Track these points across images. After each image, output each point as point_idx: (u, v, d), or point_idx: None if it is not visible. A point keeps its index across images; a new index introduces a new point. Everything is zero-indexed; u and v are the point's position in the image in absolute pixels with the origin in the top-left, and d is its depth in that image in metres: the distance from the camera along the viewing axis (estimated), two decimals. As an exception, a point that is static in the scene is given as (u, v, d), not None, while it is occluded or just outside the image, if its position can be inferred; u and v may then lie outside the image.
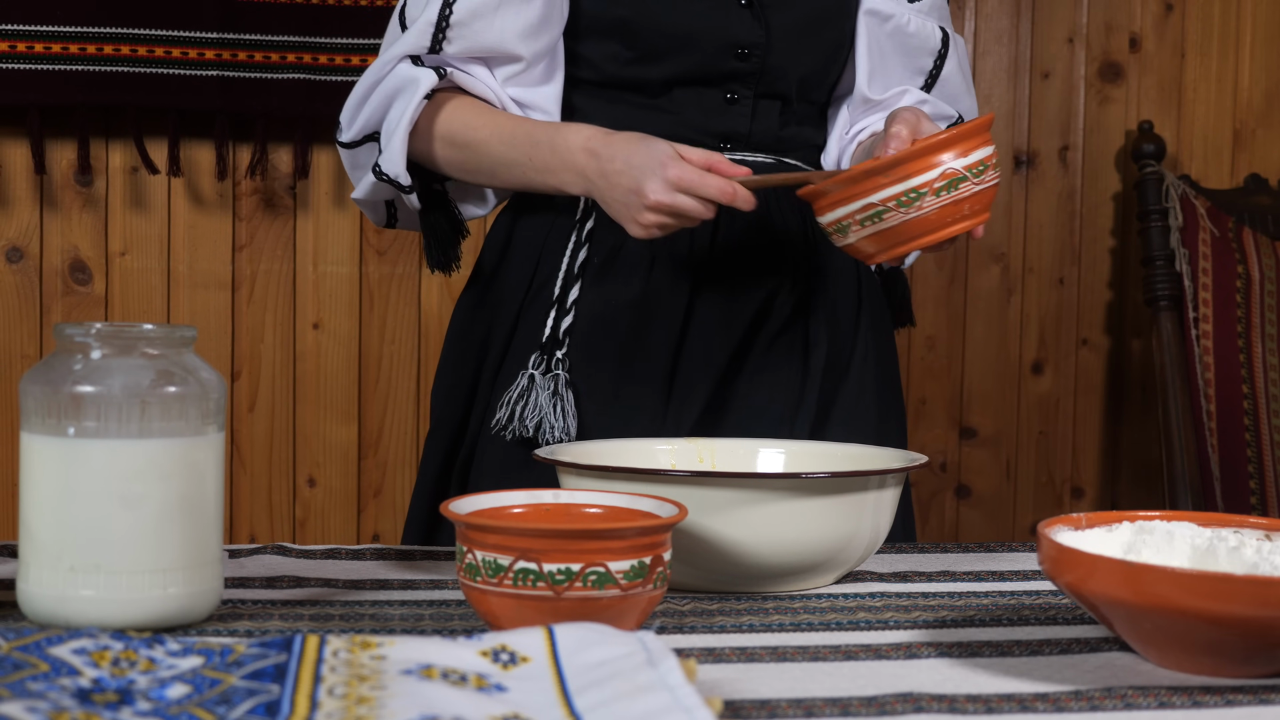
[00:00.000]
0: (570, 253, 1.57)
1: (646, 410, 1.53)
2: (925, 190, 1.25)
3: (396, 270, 2.70)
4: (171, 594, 1.01)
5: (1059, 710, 0.88)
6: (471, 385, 1.60)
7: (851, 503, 1.16)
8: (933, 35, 1.64)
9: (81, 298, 2.62)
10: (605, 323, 1.54)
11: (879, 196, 1.26)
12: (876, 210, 1.27)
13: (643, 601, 0.99)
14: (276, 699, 0.78)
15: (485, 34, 1.51)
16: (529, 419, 1.50)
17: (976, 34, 2.86)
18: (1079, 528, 1.07)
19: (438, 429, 1.62)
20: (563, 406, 1.51)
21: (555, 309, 1.54)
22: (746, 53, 1.54)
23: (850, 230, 1.30)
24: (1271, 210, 2.81)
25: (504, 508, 1.09)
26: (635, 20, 1.53)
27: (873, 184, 1.27)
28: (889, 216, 1.27)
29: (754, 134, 1.58)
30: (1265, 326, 2.69)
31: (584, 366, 1.53)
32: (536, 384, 1.51)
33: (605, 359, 1.53)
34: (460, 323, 1.64)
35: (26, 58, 2.48)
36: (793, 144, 1.61)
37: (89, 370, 1.00)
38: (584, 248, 1.56)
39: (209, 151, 2.62)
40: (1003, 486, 2.92)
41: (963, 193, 1.26)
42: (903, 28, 1.62)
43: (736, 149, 1.57)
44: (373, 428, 2.72)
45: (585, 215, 1.57)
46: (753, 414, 1.55)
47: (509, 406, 1.52)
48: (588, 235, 1.57)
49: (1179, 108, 2.92)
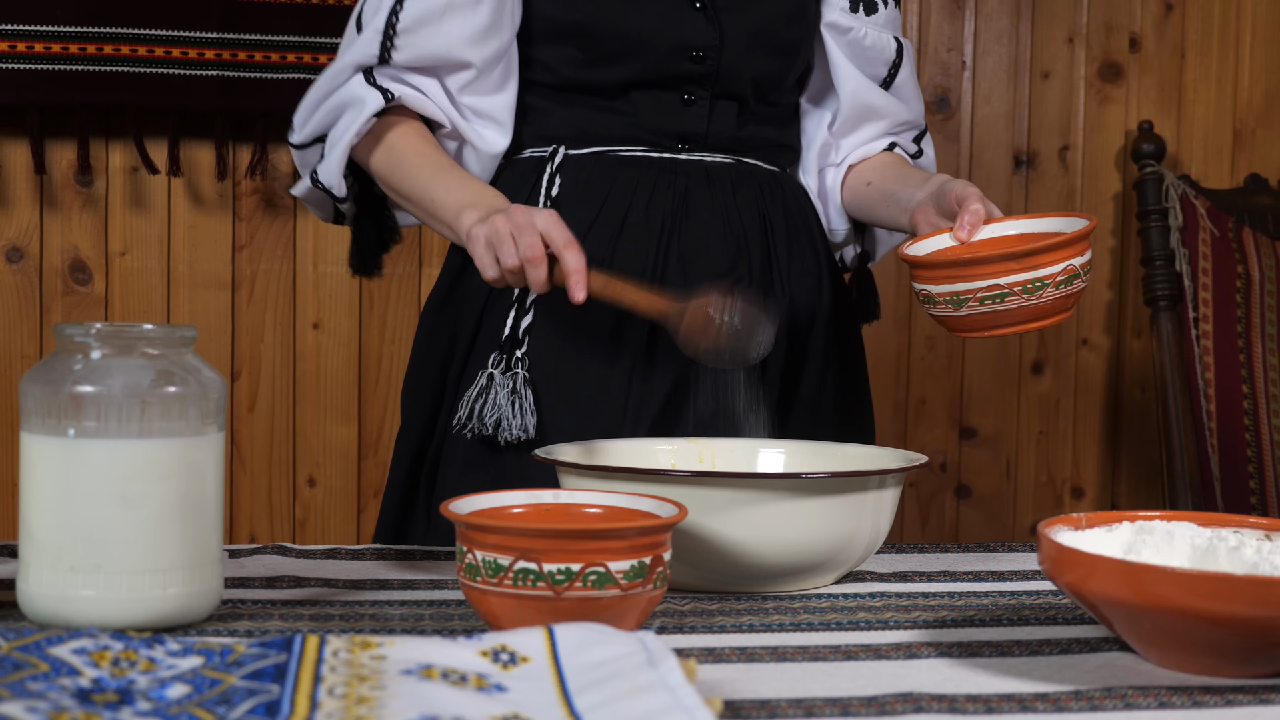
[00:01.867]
0: None
1: (606, 408, 1.54)
2: (1049, 282, 1.35)
3: (396, 270, 2.70)
4: (171, 594, 1.01)
5: (1059, 710, 0.88)
6: (439, 385, 1.62)
7: (851, 503, 1.16)
8: (888, 47, 1.69)
9: (81, 298, 2.62)
10: (564, 321, 1.55)
11: (1007, 280, 1.35)
12: (1001, 292, 1.36)
13: (643, 601, 0.99)
14: (276, 699, 0.78)
15: (432, 40, 1.52)
16: (488, 417, 1.51)
17: (976, 34, 2.86)
18: (1079, 528, 1.07)
19: (407, 429, 1.64)
20: (521, 404, 1.51)
21: (515, 308, 1.55)
22: (701, 55, 1.56)
23: (966, 304, 1.38)
24: (1271, 210, 2.81)
25: (504, 508, 1.09)
26: (589, 24, 1.54)
27: (1005, 268, 1.35)
28: (1010, 300, 1.36)
29: (711, 135, 1.59)
30: (1265, 326, 2.69)
31: (543, 365, 1.54)
32: (495, 383, 1.52)
33: (564, 358, 1.54)
34: (427, 324, 1.65)
35: (26, 58, 2.48)
36: (751, 144, 1.63)
37: (89, 370, 1.00)
38: None
39: (209, 151, 2.62)
40: (1003, 486, 2.92)
41: (1074, 288, 1.37)
42: (859, 40, 1.67)
43: (695, 149, 1.59)
44: (372, 428, 2.72)
45: None
46: (712, 411, 1.55)
47: (468, 405, 1.53)
48: None
49: (1179, 108, 2.92)
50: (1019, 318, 1.37)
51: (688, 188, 1.57)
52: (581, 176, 1.58)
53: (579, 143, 1.59)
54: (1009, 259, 1.35)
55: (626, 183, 1.58)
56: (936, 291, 1.39)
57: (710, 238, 1.57)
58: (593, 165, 1.58)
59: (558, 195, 1.57)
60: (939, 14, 2.85)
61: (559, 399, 1.53)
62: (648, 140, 1.58)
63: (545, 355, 1.54)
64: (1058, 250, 1.35)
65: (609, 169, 1.58)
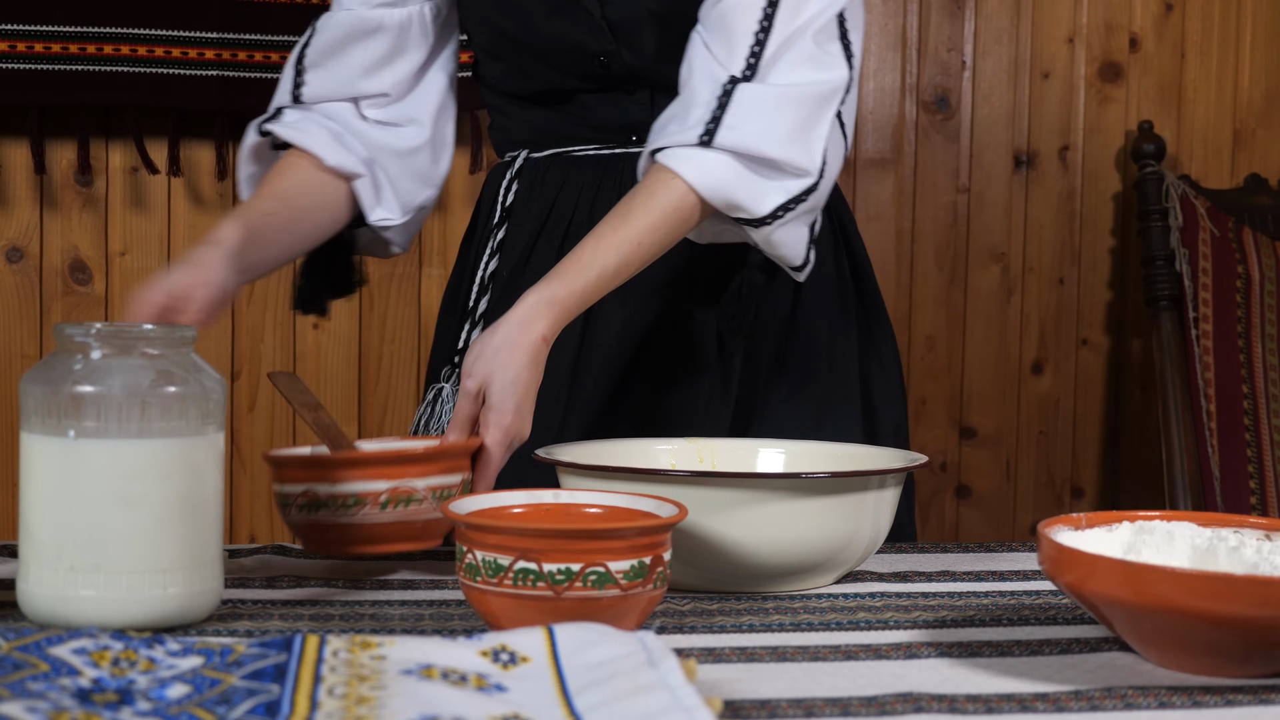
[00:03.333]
0: (484, 264, 1.58)
1: (542, 416, 1.42)
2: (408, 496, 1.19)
3: (396, 270, 2.71)
4: (171, 594, 1.01)
5: (1059, 710, 0.88)
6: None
7: (851, 503, 1.16)
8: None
9: (81, 298, 2.62)
10: None
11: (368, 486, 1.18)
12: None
13: (643, 601, 0.99)
14: (276, 699, 0.78)
15: (335, 73, 1.52)
16: (434, 430, 1.52)
17: (976, 34, 2.86)
18: (1079, 528, 1.07)
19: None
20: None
21: (469, 321, 1.55)
22: (605, 60, 1.52)
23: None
24: (1271, 210, 2.81)
25: (504, 508, 1.09)
26: (498, 45, 1.54)
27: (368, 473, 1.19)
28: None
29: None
30: (1265, 326, 2.69)
31: None
32: (444, 395, 1.52)
33: None
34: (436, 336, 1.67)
35: (26, 58, 2.48)
36: None
37: (89, 370, 1.00)
38: (495, 257, 1.58)
39: (209, 151, 2.62)
40: (1003, 486, 2.92)
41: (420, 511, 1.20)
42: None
43: (645, 141, 1.51)
44: (373, 428, 2.72)
45: (498, 225, 1.59)
46: (660, 414, 1.53)
47: (418, 419, 1.54)
48: (499, 245, 1.58)
49: (1179, 108, 2.92)
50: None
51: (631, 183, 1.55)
52: (536, 180, 1.58)
53: (539, 146, 1.59)
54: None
55: (575, 182, 1.57)
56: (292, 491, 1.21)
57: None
58: (547, 167, 1.58)
59: (511, 202, 1.57)
60: (939, 14, 2.85)
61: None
62: (599, 138, 1.56)
63: None
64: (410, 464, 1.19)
65: (562, 170, 1.57)
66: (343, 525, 1.17)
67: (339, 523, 1.17)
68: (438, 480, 1.20)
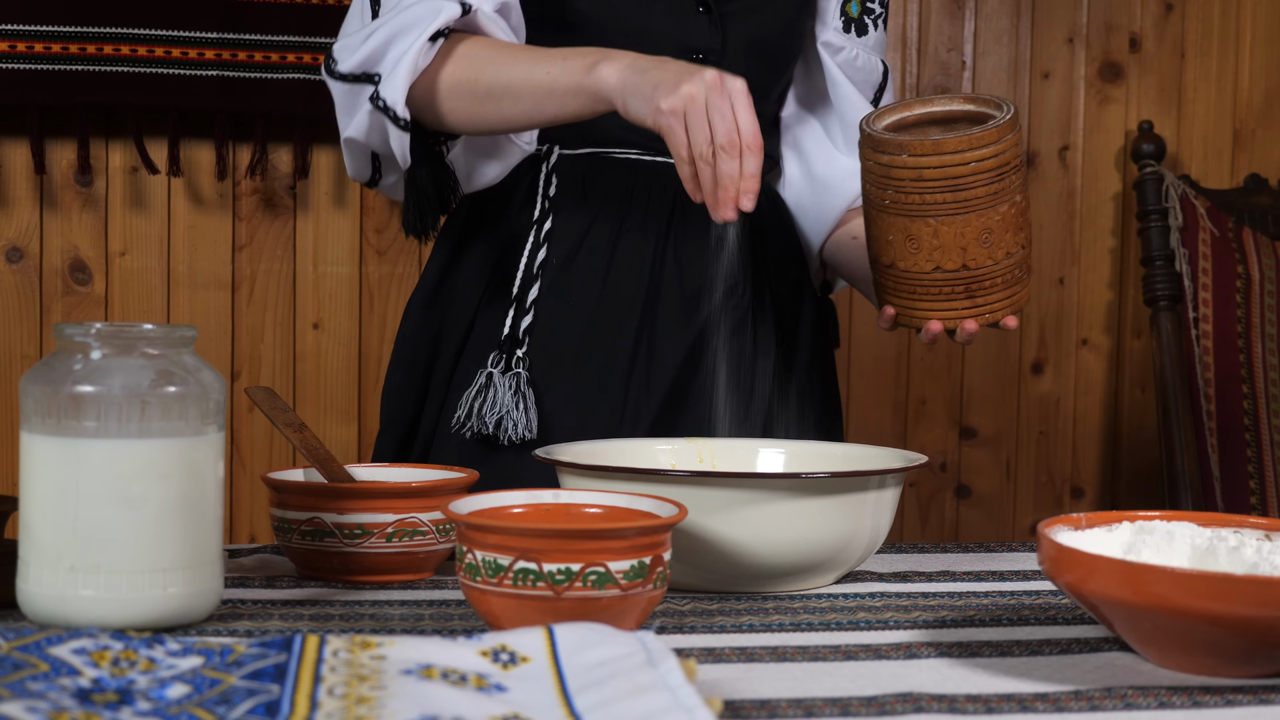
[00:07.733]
0: (529, 252, 1.57)
1: (605, 407, 1.54)
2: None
3: (396, 270, 2.70)
4: (171, 594, 1.01)
5: (1059, 710, 0.88)
6: (423, 385, 1.61)
7: (851, 503, 1.16)
8: (876, 69, 1.70)
9: (81, 298, 2.62)
10: (564, 321, 1.55)
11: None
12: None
13: (643, 601, 0.99)
14: (276, 699, 0.78)
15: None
16: (489, 416, 1.52)
17: (976, 34, 2.86)
18: (1079, 528, 1.07)
19: (388, 429, 1.64)
20: (524, 404, 1.51)
21: (515, 308, 1.55)
22: (702, 58, 1.55)
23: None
24: (1271, 210, 2.81)
25: (504, 508, 1.09)
26: (597, 16, 1.53)
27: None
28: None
29: None
30: (1265, 326, 2.68)
31: (543, 365, 1.54)
32: (495, 382, 1.52)
33: (564, 357, 1.55)
34: (411, 323, 1.64)
35: (26, 58, 2.48)
36: None
37: (89, 370, 1.00)
38: (543, 247, 1.57)
39: (209, 151, 2.62)
40: (1003, 486, 2.92)
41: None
42: (851, 61, 1.67)
43: None
44: (372, 428, 2.72)
45: (543, 216, 1.58)
46: (710, 411, 1.56)
47: (468, 404, 1.53)
48: (546, 235, 1.58)
49: (1179, 108, 2.92)
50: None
51: (679, 191, 1.57)
52: (578, 176, 1.58)
53: (573, 143, 1.58)
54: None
55: (622, 185, 1.58)
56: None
57: (705, 243, 1.57)
58: (587, 165, 1.58)
59: (555, 195, 1.57)
60: (939, 14, 2.85)
61: (558, 400, 1.54)
62: (641, 143, 1.57)
63: (545, 356, 1.54)
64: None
65: (603, 171, 1.58)
66: (346, 554, 1.19)
67: (342, 552, 1.19)
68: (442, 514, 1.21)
